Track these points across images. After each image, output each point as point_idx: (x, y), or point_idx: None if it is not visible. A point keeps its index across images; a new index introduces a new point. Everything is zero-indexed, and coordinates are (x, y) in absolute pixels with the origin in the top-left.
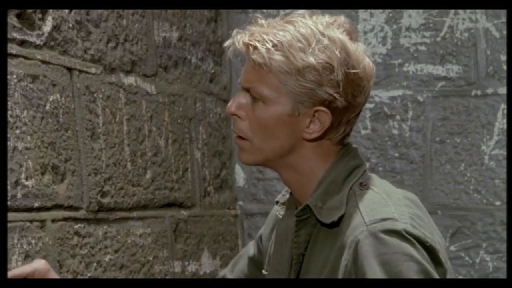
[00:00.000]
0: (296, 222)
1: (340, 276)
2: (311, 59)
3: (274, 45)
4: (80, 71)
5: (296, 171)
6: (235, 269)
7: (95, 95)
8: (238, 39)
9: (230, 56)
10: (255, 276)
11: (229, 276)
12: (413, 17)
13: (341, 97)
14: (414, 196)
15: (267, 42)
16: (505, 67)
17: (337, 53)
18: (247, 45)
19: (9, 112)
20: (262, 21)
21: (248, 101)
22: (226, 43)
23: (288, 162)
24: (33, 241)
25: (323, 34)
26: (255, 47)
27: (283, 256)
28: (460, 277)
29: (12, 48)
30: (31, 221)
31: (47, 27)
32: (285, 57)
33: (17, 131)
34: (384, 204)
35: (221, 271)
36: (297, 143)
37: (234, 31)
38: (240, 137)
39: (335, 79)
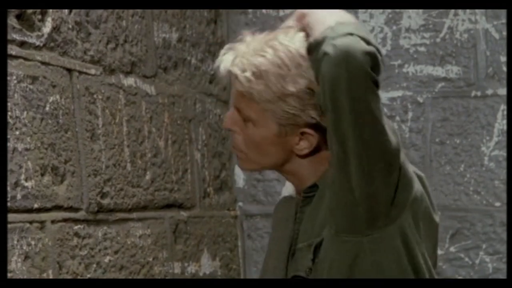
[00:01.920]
0: (303, 198)
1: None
2: (291, 87)
3: (253, 73)
4: (80, 72)
5: (295, 175)
6: None
7: (95, 96)
8: (223, 64)
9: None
10: None
11: None
12: (412, 18)
13: (324, 119)
14: (423, 175)
15: (246, 70)
16: (504, 68)
17: None
18: (229, 72)
19: (9, 113)
20: (247, 38)
21: (240, 118)
22: (215, 64)
23: (286, 169)
24: (32, 242)
25: (303, 57)
26: (236, 76)
27: (284, 235)
28: (460, 278)
29: (12, 49)
30: (30, 222)
31: (47, 28)
32: (265, 85)
33: (17, 132)
34: None
35: None
36: (291, 156)
37: (222, 51)
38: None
39: (317, 102)
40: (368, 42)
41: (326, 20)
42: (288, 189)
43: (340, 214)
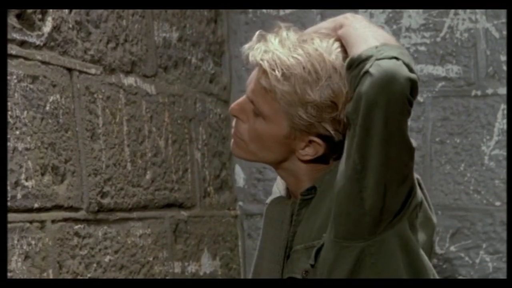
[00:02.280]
0: (300, 201)
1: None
2: (316, 96)
3: (282, 74)
4: (80, 72)
5: (291, 174)
6: None
7: (95, 95)
8: (253, 53)
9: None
10: None
11: None
12: (413, 17)
13: (338, 134)
14: (419, 177)
15: (277, 69)
16: (505, 68)
17: (345, 92)
18: (258, 64)
19: (9, 112)
20: (283, 33)
21: (251, 108)
22: (244, 47)
23: (282, 166)
24: (33, 242)
25: (335, 70)
26: (264, 71)
27: (279, 237)
28: (460, 277)
29: (12, 49)
30: (31, 222)
31: (47, 27)
32: (291, 88)
33: (17, 132)
34: None
35: None
36: (291, 156)
37: (255, 37)
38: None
39: (336, 118)
40: (410, 69)
41: (368, 37)
42: (279, 186)
43: (343, 222)
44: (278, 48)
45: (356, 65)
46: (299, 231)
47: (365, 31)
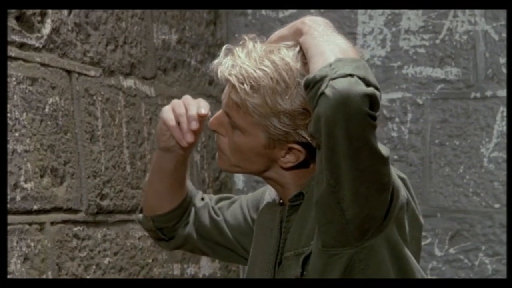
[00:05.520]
0: (289, 207)
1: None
2: (287, 105)
3: (251, 87)
4: (79, 74)
5: (276, 182)
6: (230, 212)
7: (94, 97)
8: (221, 68)
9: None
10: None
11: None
12: (412, 19)
13: (315, 139)
14: (406, 177)
15: (245, 82)
16: (504, 70)
17: None
18: (226, 80)
19: (9, 114)
20: (249, 45)
21: (228, 122)
22: (212, 65)
23: (267, 176)
24: (32, 244)
25: (303, 76)
26: (233, 86)
27: (269, 244)
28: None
29: (12, 51)
30: (30, 224)
31: (46, 29)
32: (262, 100)
33: (16, 134)
34: None
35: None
36: (274, 165)
37: (221, 52)
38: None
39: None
40: (367, 83)
41: (325, 51)
42: (271, 193)
43: (328, 231)
44: (245, 61)
45: (312, 86)
46: (289, 238)
47: (322, 42)
